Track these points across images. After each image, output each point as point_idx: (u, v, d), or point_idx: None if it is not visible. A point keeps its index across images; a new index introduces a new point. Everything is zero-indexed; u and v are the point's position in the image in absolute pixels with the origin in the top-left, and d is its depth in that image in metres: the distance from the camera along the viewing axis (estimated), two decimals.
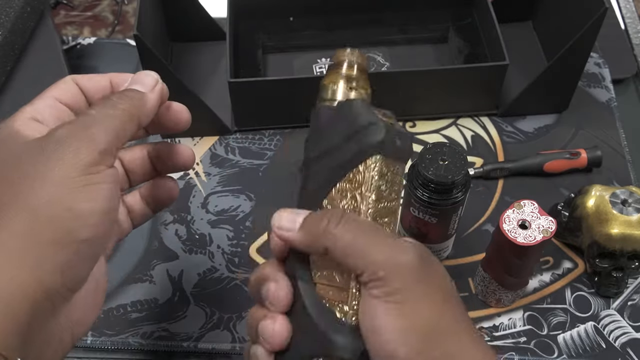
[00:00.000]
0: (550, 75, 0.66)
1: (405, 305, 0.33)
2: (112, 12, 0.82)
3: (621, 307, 0.59)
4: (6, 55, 0.64)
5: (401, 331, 0.33)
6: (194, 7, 0.72)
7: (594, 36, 0.63)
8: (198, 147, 0.69)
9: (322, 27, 0.75)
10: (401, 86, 0.66)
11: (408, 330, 0.33)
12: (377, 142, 0.36)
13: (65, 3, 0.83)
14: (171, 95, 0.41)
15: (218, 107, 0.68)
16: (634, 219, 0.54)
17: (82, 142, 0.33)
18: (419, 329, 0.33)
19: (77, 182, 0.32)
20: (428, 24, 0.76)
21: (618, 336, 0.57)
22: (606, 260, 0.57)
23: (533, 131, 0.70)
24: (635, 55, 0.77)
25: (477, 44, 0.73)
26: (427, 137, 0.69)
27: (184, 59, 0.75)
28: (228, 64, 0.65)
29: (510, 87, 0.71)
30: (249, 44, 0.74)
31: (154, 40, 0.64)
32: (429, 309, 0.34)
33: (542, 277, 0.60)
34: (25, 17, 0.67)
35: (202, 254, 0.61)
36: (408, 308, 0.33)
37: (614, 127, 0.70)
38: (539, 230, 0.50)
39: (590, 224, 0.56)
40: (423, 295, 0.34)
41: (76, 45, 0.77)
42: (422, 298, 0.34)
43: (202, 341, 0.56)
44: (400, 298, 0.33)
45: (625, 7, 0.81)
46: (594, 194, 0.56)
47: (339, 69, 0.40)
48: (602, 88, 0.73)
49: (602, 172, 0.67)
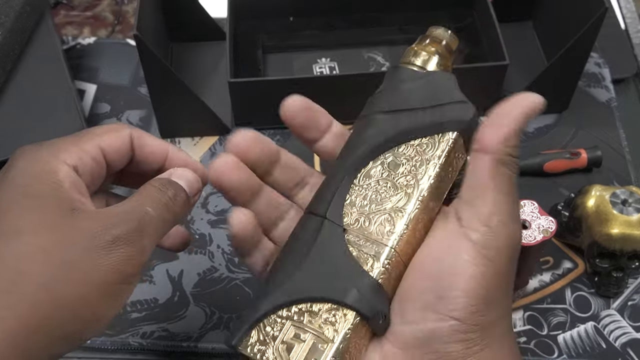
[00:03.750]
0: (550, 75, 0.66)
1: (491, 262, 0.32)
2: (112, 12, 0.82)
3: (621, 307, 0.58)
4: (6, 55, 0.64)
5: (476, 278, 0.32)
6: (194, 7, 0.72)
7: (594, 36, 0.63)
8: (198, 147, 0.69)
9: (322, 27, 0.75)
10: None
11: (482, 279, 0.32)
12: (463, 120, 0.35)
13: (65, 3, 0.83)
14: (171, 96, 0.41)
15: (218, 107, 0.68)
16: (634, 219, 0.54)
17: (134, 251, 0.31)
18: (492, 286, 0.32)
19: (112, 289, 0.31)
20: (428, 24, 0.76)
21: (618, 336, 0.57)
22: (606, 260, 0.57)
23: (533, 131, 0.70)
24: (635, 55, 0.77)
25: (477, 44, 0.73)
26: None
27: (184, 59, 0.75)
28: (228, 64, 0.65)
29: (510, 87, 0.71)
30: (249, 44, 0.74)
31: (154, 40, 0.64)
32: (506, 287, 0.33)
33: (542, 277, 0.60)
34: (25, 17, 0.67)
35: (202, 254, 0.61)
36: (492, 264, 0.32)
37: (614, 127, 0.70)
38: (539, 230, 0.50)
39: (590, 224, 0.56)
40: (508, 263, 0.33)
41: (76, 45, 0.77)
42: (506, 275, 0.33)
43: (202, 341, 0.56)
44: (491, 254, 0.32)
45: (625, 7, 0.81)
46: (594, 194, 0.56)
47: (437, 44, 0.39)
48: (602, 88, 0.73)
49: (602, 172, 0.67)
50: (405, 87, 0.37)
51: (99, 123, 0.71)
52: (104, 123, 0.71)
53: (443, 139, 0.36)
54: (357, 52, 0.75)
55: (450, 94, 0.36)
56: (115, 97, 0.73)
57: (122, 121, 0.71)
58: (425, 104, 0.36)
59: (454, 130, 0.36)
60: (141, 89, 0.73)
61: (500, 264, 0.33)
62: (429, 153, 0.36)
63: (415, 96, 0.37)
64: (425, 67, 0.39)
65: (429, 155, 0.36)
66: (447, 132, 0.36)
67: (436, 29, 0.41)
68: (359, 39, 0.76)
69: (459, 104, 0.36)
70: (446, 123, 0.36)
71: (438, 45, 0.39)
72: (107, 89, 0.74)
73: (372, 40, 0.76)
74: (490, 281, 0.32)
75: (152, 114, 0.69)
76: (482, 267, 0.32)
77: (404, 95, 0.37)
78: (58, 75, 0.64)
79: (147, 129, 0.70)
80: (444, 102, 0.36)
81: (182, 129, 0.69)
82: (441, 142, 0.35)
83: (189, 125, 0.69)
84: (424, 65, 0.39)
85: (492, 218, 0.33)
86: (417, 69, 0.39)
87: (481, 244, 0.32)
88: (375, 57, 0.75)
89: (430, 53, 0.39)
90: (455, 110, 0.36)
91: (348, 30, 0.76)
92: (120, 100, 0.73)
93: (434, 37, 0.40)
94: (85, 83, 0.74)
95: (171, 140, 0.70)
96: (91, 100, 0.73)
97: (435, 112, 0.36)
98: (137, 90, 0.74)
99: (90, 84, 0.74)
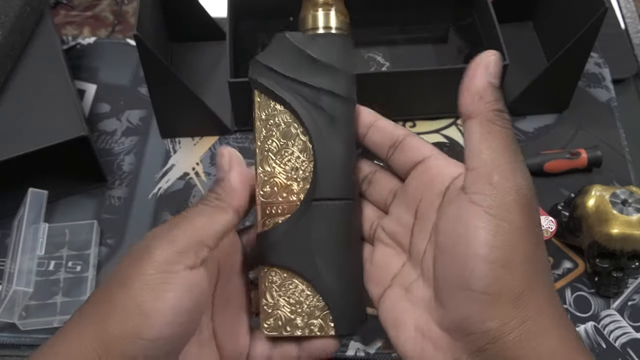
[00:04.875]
0: (550, 75, 0.66)
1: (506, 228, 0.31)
2: (112, 12, 0.82)
3: (621, 307, 0.59)
4: (6, 55, 0.64)
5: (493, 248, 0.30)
6: (194, 7, 0.72)
7: (594, 36, 0.63)
8: (198, 147, 0.69)
9: None
10: (401, 86, 0.66)
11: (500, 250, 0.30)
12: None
13: (65, 3, 0.83)
14: (171, 96, 0.41)
15: (218, 107, 0.68)
16: (634, 219, 0.54)
17: (162, 241, 0.32)
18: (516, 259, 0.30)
19: (152, 279, 0.32)
20: (428, 24, 0.76)
21: (618, 336, 0.57)
22: (606, 260, 0.57)
23: (533, 131, 0.70)
24: (635, 55, 0.77)
25: (477, 44, 0.73)
26: (427, 137, 0.69)
27: (184, 59, 0.75)
28: (228, 64, 0.65)
29: (510, 87, 0.71)
30: (249, 44, 0.74)
31: (154, 40, 0.64)
32: (526, 247, 0.31)
33: None
34: (25, 17, 0.67)
35: None
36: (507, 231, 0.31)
37: (614, 127, 0.70)
38: None
39: (590, 224, 0.56)
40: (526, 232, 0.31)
41: (76, 45, 0.77)
42: (523, 232, 0.31)
43: None
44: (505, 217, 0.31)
45: (625, 7, 0.81)
46: (594, 194, 0.56)
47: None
48: (602, 88, 0.73)
49: (602, 172, 0.67)
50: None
51: (99, 123, 0.71)
52: (104, 123, 0.71)
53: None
54: (357, 52, 0.75)
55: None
56: (115, 97, 0.73)
57: (121, 121, 0.71)
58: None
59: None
60: (141, 89, 0.73)
61: (513, 220, 0.31)
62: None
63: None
64: (329, 25, 0.38)
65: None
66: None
67: None
68: (359, 39, 0.76)
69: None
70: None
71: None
72: (107, 89, 0.74)
73: (372, 40, 0.76)
74: (504, 241, 0.30)
75: (152, 114, 0.69)
76: (493, 228, 0.30)
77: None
78: (58, 75, 0.64)
79: (147, 129, 0.71)
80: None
81: (182, 129, 0.69)
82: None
83: (189, 125, 0.69)
84: (327, 24, 0.38)
85: (492, 176, 0.31)
86: (321, 31, 0.37)
87: (487, 204, 0.31)
88: (375, 57, 0.75)
89: (327, 9, 0.38)
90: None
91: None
92: (120, 100, 0.73)
93: None
94: (85, 83, 0.74)
95: (171, 140, 0.70)
96: (91, 100, 0.73)
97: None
98: (137, 90, 0.74)
99: (90, 84, 0.74)
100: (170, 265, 0.32)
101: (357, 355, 0.56)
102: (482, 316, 0.30)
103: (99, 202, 0.65)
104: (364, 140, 0.38)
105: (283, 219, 0.36)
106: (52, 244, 0.62)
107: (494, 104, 0.33)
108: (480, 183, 0.32)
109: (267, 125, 0.37)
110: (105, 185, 0.66)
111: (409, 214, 0.37)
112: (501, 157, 0.32)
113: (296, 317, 0.36)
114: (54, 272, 0.61)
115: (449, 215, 0.33)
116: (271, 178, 0.37)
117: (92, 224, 0.63)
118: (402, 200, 0.37)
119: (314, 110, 0.36)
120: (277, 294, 0.36)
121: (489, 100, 0.33)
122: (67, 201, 0.65)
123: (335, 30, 0.37)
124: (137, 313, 0.31)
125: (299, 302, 0.36)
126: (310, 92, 0.36)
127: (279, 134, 0.37)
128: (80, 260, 0.61)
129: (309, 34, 0.37)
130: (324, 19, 0.37)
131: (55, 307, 0.58)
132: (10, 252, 0.58)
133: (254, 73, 0.37)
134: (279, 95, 0.36)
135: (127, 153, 0.69)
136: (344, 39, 0.37)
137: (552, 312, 0.31)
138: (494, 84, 0.33)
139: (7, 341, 0.57)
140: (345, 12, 0.38)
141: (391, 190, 0.38)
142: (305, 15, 0.38)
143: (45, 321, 0.57)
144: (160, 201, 0.66)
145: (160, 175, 0.67)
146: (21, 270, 0.55)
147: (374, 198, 0.39)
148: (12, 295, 0.54)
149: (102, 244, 0.63)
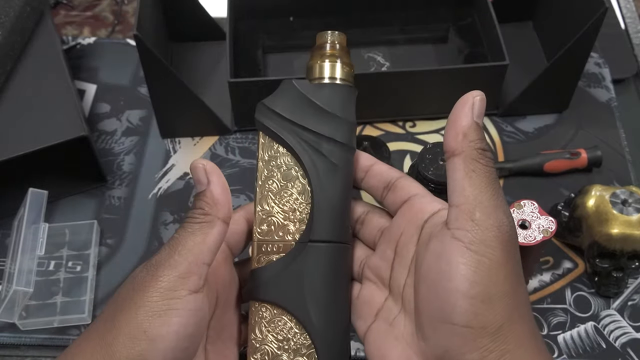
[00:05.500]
0: (550, 75, 0.66)
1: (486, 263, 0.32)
2: (112, 12, 0.82)
3: (621, 307, 0.59)
4: (6, 55, 0.64)
5: (473, 283, 0.31)
6: (194, 7, 0.72)
7: (594, 36, 0.63)
8: (198, 147, 0.69)
9: (322, 27, 0.75)
10: (401, 86, 0.66)
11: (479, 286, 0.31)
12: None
13: (65, 3, 0.83)
14: (171, 96, 0.41)
15: (218, 107, 0.68)
16: (634, 219, 0.54)
17: (165, 268, 0.33)
18: (490, 296, 0.31)
19: (158, 305, 0.32)
20: (428, 24, 0.76)
21: (618, 336, 0.57)
22: (606, 260, 0.57)
23: (533, 131, 0.70)
24: (635, 55, 0.77)
25: (477, 44, 0.73)
26: (427, 137, 0.69)
27: (184, 59, 0.75)
28: (228, 64, 0.65)
29: (510, 87, 0.71)
30: (249, 44, 0.74)
31: (154, 40, 0.64)
32: (506, 282, 0.32)
33: (542, 277, 0.60)
34: (25, 17, 0.67)
35: None
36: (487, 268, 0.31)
37: (614, 127, 0.70)
38: (539, 230, 0.50)
39: (590, 224, 0.56)
40: (506, 264, 0.32)
41: (76, 45, 0.77)
42: (503, 267, 0.32)
43: None
44: (485, 252, 0.32)
45: (625, 7, 0.81)
46: (594, 194, 0.56)
47: (333, 49, 0.40)
48: (602, 88, 0.73)
49: (602, 172, 0.67)
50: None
51: (99, 123, 0.71)
52: (104, 123, 0.71)
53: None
54: (357, 52, 0.75)
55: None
56: (115, 97, 0.73)
57: (121, 121, 0.71)
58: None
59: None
60: (141, 89, 0.73)
61: (493, 256, 0.32)
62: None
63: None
64: (334, 76, 0.39)
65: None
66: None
67: (321, 36, 0.41)
68: (359, 39, 0.76)
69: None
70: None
71: (334, 49, 0.40)
72: (107, 89, 0.74)
73: (372, 40, 0.76)
74: (484, 277, 0.31)
75: (152, 114, 0.69)
76: (474, 264, 0.31)
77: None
78: (58, 75, 0.64)
79: (147, 129, 0.71)
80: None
81: (182, 129, 0.69)
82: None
83: (189, 125, 0.69)
84: (333, 75, 0.39)
85: (474, 213, 0.32)
86: (317, 82, 0.39)
87: (468, 240, 0.32)
88: (375, 57, 0.75)
89: (333, 60, 0.39)
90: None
91: (348, 30, 0.75)
92: (120, 100, 0.73)
93: (321, 43, 0.40)
94: (85, 83, 0.74)
95: (171, 140, 0.70)
96: (91, 100, 0.73)
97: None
98: (137, 90, 0.74)
99: (90, 84, 0.74)
100: (174, 292, 0.33)
101: (357, 355, 0.56)
102: (463, 349, 0.31)
103: (99, 202, 0.65)
104: (361, 184, 0.40)
105: (278, 257, 0.37)
106: (52, 244, 0.62)
107: (477, 142, 0.34)
108: (462, 219, 0.32)
109: (269, 166, 0.38)
110: (105, 185, 0.66)
111: (390, 250, 0.37)
112: (483, 194, 0.33)
113: (282, 353, 0.37)
114: (54, 272, 0.61)
115: (433, 250, 0.34)
116: (269, 217, 0.37)
117: (92, 224, 0.63)
118: (387, 237, 0.38)
119: (315, 155, 0.37)
120: (266, 330, 0.37)
121: (473, 139, 0.34)
122: (67, 201, 0.65)
123: (339, 81, 0.38)
124: (144, 339, 0.32)
125: (287, 339, 0.37)
126: (312, 137, 0.37)
127: (280, 175, 0.38)
128: (80, 260, 0.61)
129: (315, 82, 0.38)
130: (330, 70, 0.38)
131: (55, 307, 0.58)
132: (10, 252, 0.58)
133: (259, 115, 0.39)
134: (282, 139, 0.37)
135: (127, 153, 0.69)
136: (347, 89, 0.38)
137: (532, 345, 0.32)
138: (478, 123, 0.34)
139: (7, 341, 0.57)
140: (350, 64, 0.39)
141: (380, 229, 0.39)
142: (312, 65, 0.39)
143: (45, 321, 0.57)
144: (160, 201, 0.66)
145: (160, 175, 0.67)
146: (21, 270, 0.55)
147: (365, 237, 0.40)
148: (12, 295, 0.54)
149: (102, 244, 0.63)
